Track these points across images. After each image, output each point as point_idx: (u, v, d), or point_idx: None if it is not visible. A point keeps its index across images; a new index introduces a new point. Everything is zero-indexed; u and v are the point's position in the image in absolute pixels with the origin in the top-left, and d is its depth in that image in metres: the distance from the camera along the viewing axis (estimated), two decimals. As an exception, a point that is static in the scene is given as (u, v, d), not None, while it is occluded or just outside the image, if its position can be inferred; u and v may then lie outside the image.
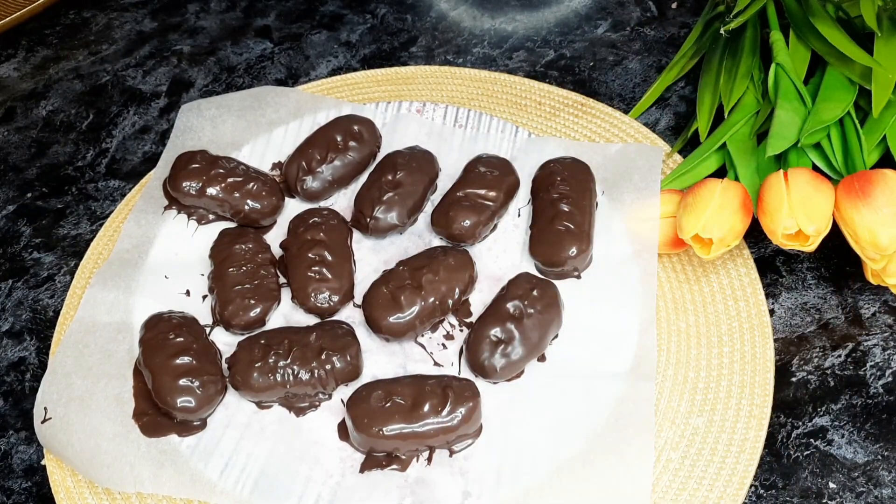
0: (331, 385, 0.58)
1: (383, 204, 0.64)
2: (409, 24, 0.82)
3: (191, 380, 0.56)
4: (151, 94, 0.79)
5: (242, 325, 0.60)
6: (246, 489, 0.55)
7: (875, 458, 0.55)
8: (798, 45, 0.66)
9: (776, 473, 0.55)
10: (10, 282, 0.68)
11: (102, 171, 0.74)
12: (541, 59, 0.78)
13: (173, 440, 0.57)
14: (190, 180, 0.65)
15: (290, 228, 0.64)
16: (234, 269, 0.62)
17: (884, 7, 0.64)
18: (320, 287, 0.61)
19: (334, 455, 0.56)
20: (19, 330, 0.66)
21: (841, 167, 0.59)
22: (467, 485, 0.55)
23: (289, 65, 0.80)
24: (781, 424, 0.57)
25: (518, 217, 0.66)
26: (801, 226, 0.56)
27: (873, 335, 0.60)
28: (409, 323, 0.59)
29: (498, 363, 0.57)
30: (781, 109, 0.61)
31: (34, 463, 0.59)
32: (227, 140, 0.70)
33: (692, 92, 0.74)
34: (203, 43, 0.83)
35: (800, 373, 0.59)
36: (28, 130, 0.78)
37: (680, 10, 0.80)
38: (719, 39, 0.70)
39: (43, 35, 0.85)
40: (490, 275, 0.63)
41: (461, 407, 0.54)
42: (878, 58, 0.61)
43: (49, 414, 0.57)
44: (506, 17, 0.82)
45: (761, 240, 0.64)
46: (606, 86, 0.75)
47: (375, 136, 0.69)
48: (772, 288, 0.62)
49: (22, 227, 0.71)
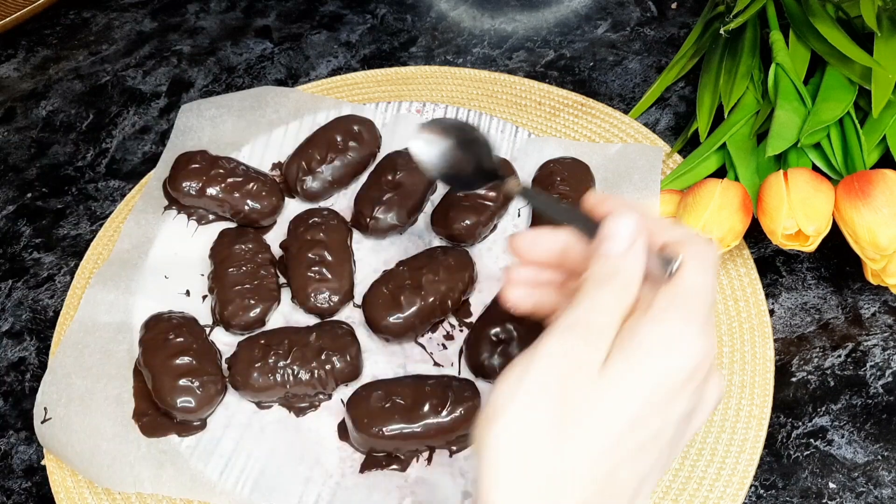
0: (331, 385, 0.58)
1: (383, 204, 0.64)
2: (409, 24, 0.82)
3: (191, 380, 0.56)
4: (151, 95, 0.79)
5: (242, 326, 0.60)
6: (246, 489, 0.55)
7: (875, 458, 0.55)
8: (798, 45, 0.66)
9: (776, 473, 0.55)
10: (10, 282, 0.68)
11: (102, 171, 0.74)
12: (541, 60, 0.78)
13: (173, 440, 0.57)
14: (190, 180, 0.65)
15: (290, 228, 0.64)
16: (233, 270, 0.62)
17: (884, 7, 0.64)
18: (320, 287, 0.61)
19: (334, 455, 0.56)
20: (19, 330, 0.66)
21: (841, 167, 0.59)
22: (467, 485, 0.55)
23: (289, 65, 0.80)
24: (781, 424, 0.57)
25: (518, 217, 0.66)
26: (801, 226, 0.56)
27: (873, 335, 0.60)
28: (409, 323, 0.59)
29: (498, 363, 0.57)
30: (781, 109, 0.61)
31: (34, 463, 0.59)
32: (227, 140, 0.70)
33: (692, 92, 0.74)
34: (203, 43, 0.83)
35: (800, 373, 0.59)
36: (28, 130, 0.78)
37: (680, 10, 0.80)
38: (719, 39, 0.70)
39: (43, 35, 0.85)
40: (490, 275, 0.63)
41: (461, 407, 0.54)
42: (878, 58, 0.61)
43: (49, 414, 0.57)
44: (506, 17, 0.82)
45: (761, 240, 0.64)
46: (606, 86, 0.75)
47: (375, 136, 0.69)
48: (772, 288, 0.62)
49: (22, 227, 0.71)
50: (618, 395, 0.35)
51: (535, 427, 0.35)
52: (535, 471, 0.35)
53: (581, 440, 0.35)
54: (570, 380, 0.35)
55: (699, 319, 0.37)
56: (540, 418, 0.35)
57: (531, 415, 0.35)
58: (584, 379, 0.35)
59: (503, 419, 0.35)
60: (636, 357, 0.36)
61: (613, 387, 0.35)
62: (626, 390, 0.35)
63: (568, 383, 0.35)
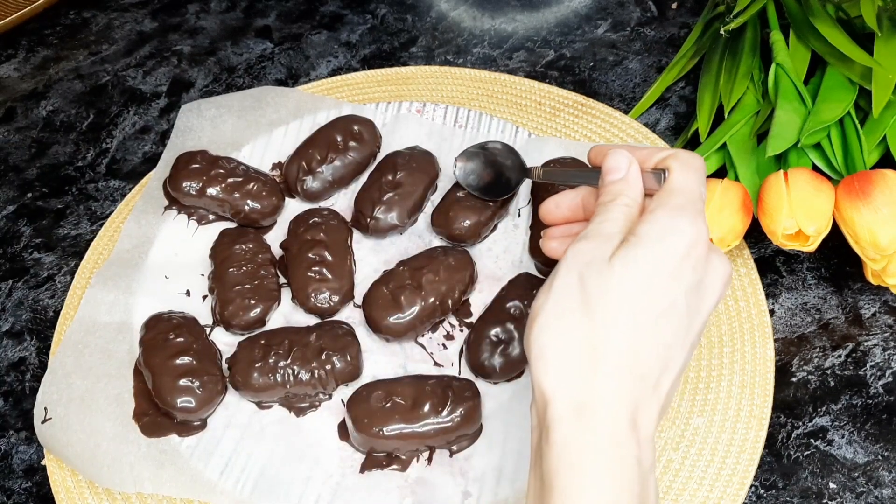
0: (331, 385, 0.58)
1: (383, 204, 0.64)
2: (409, 24, 0.82)
3: (191, 380, 0.56)
4: (151, 95, 0.79)
5: (242, 325, 0.60)
6: (246, 489, 0.55)
7: (875, 458, 0.55)
8: (798, 45, 0.66)
9: (776, 473, 0.55)
10: (11, 282, 0.68)
11: (102, 171, 0.74)
12: (541, 60, 0.78)
13: (173, 440, 0.57)
14: (190, 180, 0.65)
15: (290, 229, 0.64)
16: (234, 270, 0.62)
17: (884, 7, 0.64)
18: (320, 287, 0.61)
19: (334, 455, 0.56)
20: (19, 330, 0.66)
21: (841, 167, 0.59)
22: (467, 485, 0.55)
23: (289, 65, 0.80)
24: (781, 424, 0.57)
25: (518, 217, 0.66)
26: (801, 226, 0.56)
27: (873, 335, 0.60)
28: (409, 323, 0.59)
29: (498, 363, 0.57)
30: (781, 109, 0.61)
31: (34, 463, 0.59)
32: (227, 140, 0.70)
33: (692, 92, 0.74)
34: (203, 43, 0.83)
35: (800, 373, 0.59)
36: (28, 130, 0.78)
37: (680, 10, 0.80)
38: (719, 39, 0.70)
39: (43, 35, 0.85)
40: (490, 275, 0.63)
41: (461, 407, 0.54)
42: (878, 58, 0.61)
43: (49, 414, 0.57)
44: (506, 17, 0.82)
45: (761, 240, 0.64)
46: (606, 86, 0.75)
47: (375, 136, 0.69)
48: (772, 288, 0.62)
49: (22, 227, 0.71)
50: (625, 275, 0.42)
51: (566, 316, 0.42)
52: (573, 349, 0.41)
53: (603, 312, 0.42)
54: (586, 272, 0.43)
55: (687, 209, 0.44)
56: (568, 308, 0.42)
57: (560, 309, 0.42)
58: (597, 270, 0.43)
59: (539, 320, 0.42)
60: (636, 246, 0.43)
61: (621, 270, 0.42)
62: (631, 271, 0.42)
63: (584, 275, 0.43)
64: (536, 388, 0.42)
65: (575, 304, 0.42)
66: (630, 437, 0.40)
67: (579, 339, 0.41)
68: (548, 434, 0.40)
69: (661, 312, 0.42)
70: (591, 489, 0.39)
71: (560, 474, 0.39)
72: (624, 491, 0.39)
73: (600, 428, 0.40)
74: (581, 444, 0.39)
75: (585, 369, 0.41)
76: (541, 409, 0.41)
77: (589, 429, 0.40)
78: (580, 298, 0.42)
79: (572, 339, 0.41)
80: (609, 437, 0.40)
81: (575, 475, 0.39)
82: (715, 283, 0.44)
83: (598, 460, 0.39)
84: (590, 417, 0.40)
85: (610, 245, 0.44)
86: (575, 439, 0.40)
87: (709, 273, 0.44)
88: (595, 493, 0.39)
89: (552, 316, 0.42)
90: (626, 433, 0.40)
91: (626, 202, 0.46)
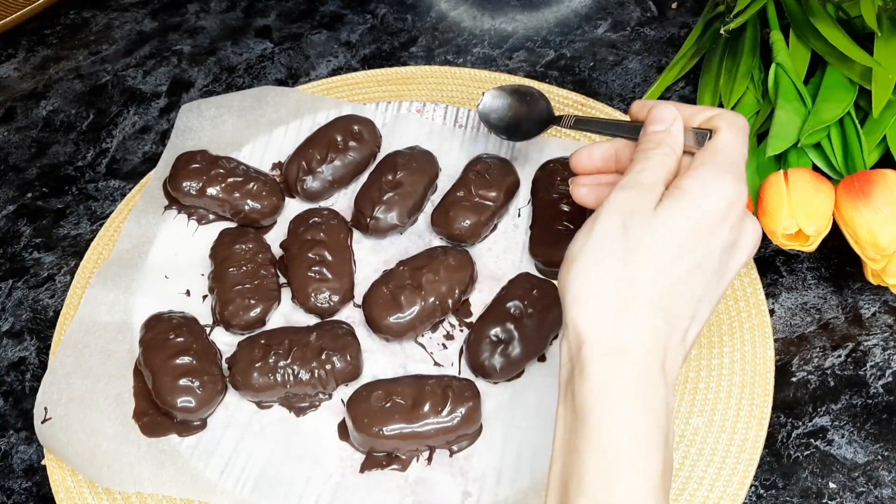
0: (331, 385, 0.58)
1: (383, 204, 0.64)
2: (409, 24, 0.82)
3: (191, 380, 0.56)
4: (151, 94, 0.79)
5: (242, 325, 0.60)
6: (246, 489, 0.55)
7: (875, 458, 0.55)
8: (798, 45, 0.66)
9: (776, 473, 0.55)
10: (11, 282, 0.68)
11: (102, 171, 0.74)
12: (541, 59, 0.78)
13: (173, 440, 0.57)
14: (190, 180, 0.65)
15: (290, 228, 0.64)
16: (234, 269, 0.62)
17: (884, 7, 0.64)
18: (320, 287, 0.61)
19: (334, 455, 0.56)
20: (19, 330, 0.66)
21: (841, 167, 0.59)
22: (467, 485, 0.55)
23: (289, 65, 0.80)
24: (781, 424, 0.57)
25: (518, 217, 0.66)
26: (801, 226, 0.56)
27: (873, 335, 0.60)
28: (409, 323, 0.59)
29: (498, 363, 0.57)
30: (781, 109, 0.61)
31: (34, 463, 0.59)
32: (227, 140, 0.70)
33: (692, 92, 0.74)
34: (203, 43, 0.83)
35: (800, 373, 0.59)
36: (28, 130, 0.78)
37: (680, 10, 0.80)
38: (719, 39, 0.70)
39: (43, 35, 0.85)
40: (490, 275, 0.63)
41: (461, 407, 0.55)
42: (878, 58, 0.61)
43: (49, 414, 0.57)
44: (506, 17, 0.82)
45: (761, 240, 0.64)
46: (606, 86, 0.75)
47: (375, 136, 0.69)
48: (772, 288, 0.62)
49: (22, 227, 0.71)
50: (668, 227, 0.44)
51: (605, 261, 0.43)
52: (610, 292, 0.43)
53: (642, 259, 0.43)
54: (629, 219, 0.44)
55: (731, 170, 0.45)
56: (609, 252, 0.44)
57: (601, 253, 0.44)
58: (640, 218, 0.44)
59: (578, 262, 0.44)
60: (681, 200, 0.44)
61: (664, 221, 0.44)
62: (674, 223, 0.44)
63: (627, 222, 0.44)
64: (571, 328, 0.43)
65: (617, 249, 0.43)
66: (660, 378, 0.42)
67: (615, 282, 0.43)
68: (582, 370, 0.42)
69: (696, 265, 0.44)
70: (625, 424, 0.41)
71: (595, 409, 0.41)
72: (653, 426, 0.41)
73: (635, 367, 0.42)
74: (615, 382, 0.41)
75: (621, 312, 0.42)
76: (574, 347, 0.43)
77: (624, 368, 0.42)
78: (622, 244, 0.43)
79: (608, 281, 0.43)
80: (643, 377, 0.41)
81: (609, 409, 0.41)
82: (747, 245, 0.46)
83: (630, 396, 0.41)
84: (625, 358, 0.42)
85: (653, 195, 0.45)
86: (611, 377, 0.41)
87: (742, 235, 0.46)
88: (628, 427, 0.40)
89: (591, 261, 0.44)
90: (657, 375, 0.42)
91: (665, 151, 0.47)
